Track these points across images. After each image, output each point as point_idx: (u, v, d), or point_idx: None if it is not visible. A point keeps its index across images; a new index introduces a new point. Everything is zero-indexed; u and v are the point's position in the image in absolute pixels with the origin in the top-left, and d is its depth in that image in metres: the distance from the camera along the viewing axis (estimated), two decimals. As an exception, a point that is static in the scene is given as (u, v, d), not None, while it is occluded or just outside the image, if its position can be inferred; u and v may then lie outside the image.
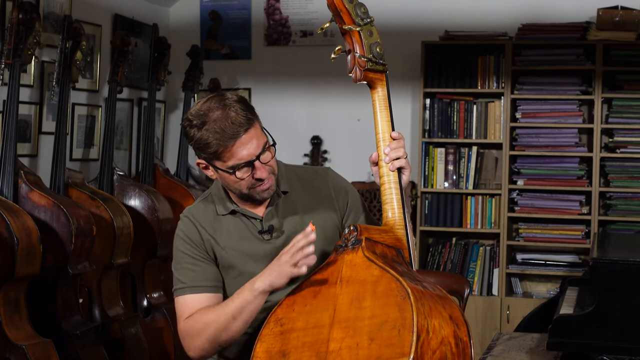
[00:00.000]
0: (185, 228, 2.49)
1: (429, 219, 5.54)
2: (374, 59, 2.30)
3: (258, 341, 2.20)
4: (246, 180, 2.38)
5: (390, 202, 2.30)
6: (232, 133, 2.31)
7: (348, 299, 2.12)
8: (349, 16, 2.28)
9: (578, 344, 3.13)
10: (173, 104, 6.13)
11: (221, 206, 2.50)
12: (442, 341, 2.02)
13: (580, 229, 5.36)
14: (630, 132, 5.31)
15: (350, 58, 2.32)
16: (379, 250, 2.21)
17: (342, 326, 2.09)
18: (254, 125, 2.35)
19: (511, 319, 5.30)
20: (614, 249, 3.98)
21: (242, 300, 2.31)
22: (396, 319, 2.00)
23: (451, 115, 5.52)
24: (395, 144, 2.32)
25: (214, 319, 2.35)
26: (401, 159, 2.32)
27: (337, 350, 2.05)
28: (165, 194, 5.05)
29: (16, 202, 3.93)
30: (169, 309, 4.82)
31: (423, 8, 5.75)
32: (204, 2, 6.14)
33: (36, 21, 4.13)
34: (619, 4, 5.31)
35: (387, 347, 1.98)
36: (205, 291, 2.43)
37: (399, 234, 2.28)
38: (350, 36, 2.31)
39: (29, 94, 4.62)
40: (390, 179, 2.31)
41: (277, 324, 2.20)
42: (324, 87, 5.96)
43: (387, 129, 2.33)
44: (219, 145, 2.32)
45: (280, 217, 2.49)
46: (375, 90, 2.34)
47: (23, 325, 3.68)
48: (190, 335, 2.39)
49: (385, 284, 2.08)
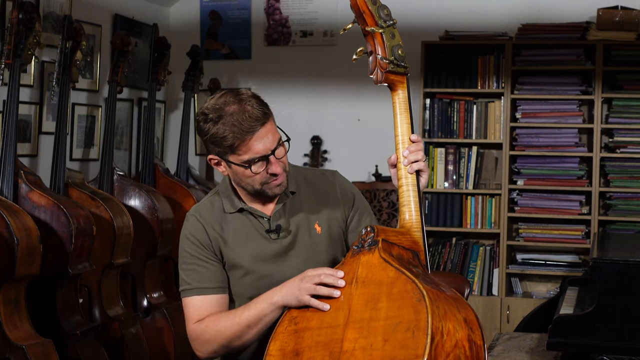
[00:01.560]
0: (191, 228, 2.48)
1: (429, 219, 5.54)
2: (396, 61, 2.30)
3: (272, 339, 2.20)
4: (260, 175, 2.38)
5: (408, 204, 2.30)
6: (249, 127, 2.31)
7: (363, 299, 2.12)
8: (372, 18, 2.28)
9: (578, 344, 3.13)
10: (173, 104, 6.13)
11: (229, 204, 2.49)
12: (456, 344, 2.01)
13: (580, 229, 5.36)
14: (630, 132, 5.31)
15: (371, 59, 2.32)
16: (396, 252, 2.21)
17: (356, 326, 2.08)
18: (270, 120, 2.36)
19: (511, 319, 5.30)
20: (614, 249, 3.98)
21: (259, 311, 2.32)
22: (411, 320, 2.00)
23: (451, 115, 5.52)
24: (415, 147, 2.32)
25: (228, 327, 2.36)
26: (420, 161, 2.32)
27: (351, 351, 2.05)
28: (165, 194, 5.05)
29: (16, 202, 3.93)
30: (169, 309, 4.82)
31: (423, 8, 5.75)
32: (204, 2, 6.14)
33: (36, 21, 4.12)
34: (619, 4, 5.31)
35: (401, 349, 1.98)
36: (212, 292, 2.44)
37: (415, 237, 2.28)
38: (372, 38, 2.31)
39: (29, 94, 4.62)
40: (408, 181, 2.31)
41: (291, 322, 2.20)
42: (324, 87, 5.96)
43: (407, 132, 2.33)
44: (235, 139, 2.31)
45: (288, 216, 2.49)
46: (396, 93, 2.34)
47: (23, 325, 3.68)
48: (201, 340, 2.40)
49: (401, 285, 2.08)
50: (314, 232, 2.49)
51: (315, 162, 5.79)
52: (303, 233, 2.48)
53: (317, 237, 2.49)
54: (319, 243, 2.49)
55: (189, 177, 5.62)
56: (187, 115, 5.66)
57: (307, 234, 2.49)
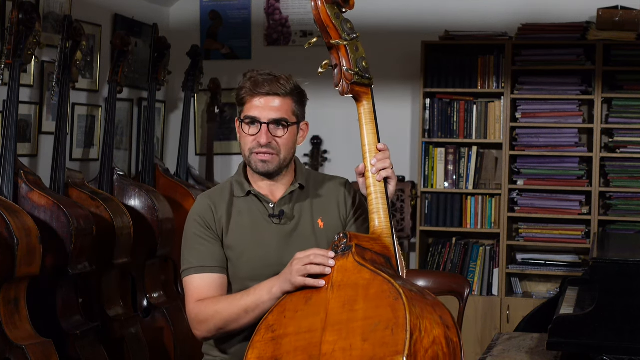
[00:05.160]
0: (198, 207, 2.56)
1: (429, 219, 5.54)
2: (361, 73, 2.40)
3: (249, 348, 2.23)
4: (250, 139, 2.48)
5: (377, 211, 2.37)
6: (261, 88, 2.46)
7: (340, 302, 2.16)
8: (336, 31, 2.38)
9: (578, 344, 3.13)
10: (173, 104, 6.13)
11: (239, 188, 2.57)
12: (433, 340, 2.06)
13: (580, 229, 5.36)
14: (630, 132, 5.31)
15: (337, 72, 2.43)
16: (369, 257, 2.26)
17: (334, 329, 2.12)
18: (286, 99, 2.50)
19: (511, 319, 5.30)
20: (614, 249, 3.98)
21: (258, 298, 2.37)
22: (389, 319, 2.04)
23: (451, 115, 5.52)
24: (382, 155, 2.42)
25: (226, 308, 2.42)
26: (387, 169, 2.40)
27: (331, 352, 2.08)
28: (165, 194, 5.05)
29: (16, 202, 3.93)
30: (169, 309, 4.82)
31: (423, 8, 5.75)
32: (204, 2, 6.14)
33: (36, 21, 4.12)
34: (619, 4, 5.31)
35: (381, 347, 2.01)
36: (211, 271, 2.50)
37: (386, 242, 2.34)
38: (337, 51, 2.41)
39: (29, 94, 4.62)
40: (377, 189, 2.39)
41: (268, 330, 2.23)
42: (324, 87, 5.95)
43: (373, 141, 2.45)
44: (246, 92, 2.48)
45: (293, 205, 2.56)
46: (361, 104, 2.48)
47: (23, 325, 3.68)
48: (199, 319, 2.46)
49: (377, 286, 2.13)
50: (316, 226, 2.56)
51: (315, 162, 5.79)
52: (306, 223, 2.55)
53: (319, 231, 2.55)
54: (319, 237, 2.54)
55: (189, 177, 5.62)
56: (187, 115, 5.66)
57: (309, 225, 2.55)
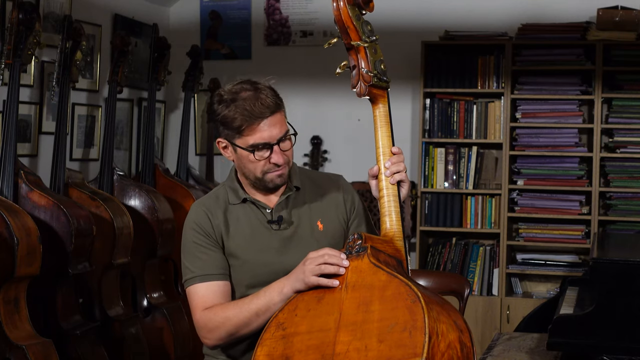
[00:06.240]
0: (195, 216, 2.53)
1: (429, 219, 5.54)
2: (379, 75, 2.37)
3: (259, 345, 2.21)
4: (262, 163, 2.45)
5: (390, 214, 2.36)
6: (259, 112, 2.41)
7: (354, 303, 2.15)
8: (356, 33, 2.35)
9: (578, 344, 3.13)
10: (173, 104, 6.13)
11: (233, 195, 2.55)
12: (449, 345, 2.06)
13: (580, 229, 5.36)
14: (630, 132, 5.31)
15: (355, 73, 2.39)
16: (382, 259, 2.25)
17: (348, 329, 2.11)
18: (280, 112, 2.47)
19: (511, 319, 5.30)
20: (614, 249, 3.98)
21: (269, 300, 2.36)
22: (407, 321, 2.03)
23: (451, 115, 5.52)
24: (396, 159, 2.39)
25: (236, 314, 2.40)
26: (401, 172, 2.39)
27: (345, 352, 2.07)
28: (165, 194, 5.05)
29: (16, 202, 3.93)
30: (169, 309, 4.82)
31: (423, 8, 5.75)
32: (204, 2, 6.14)
33: (36, 21, 4.13)
34: (619, 4, 5.31)
35: (398, 348, 2.01)
36: (216, 279, 2.48)
37: (398, 245, 2.34)
38: (356, 52, 2.38)
39: (29, 94, 4.62)
40: (389, 192, 2.38)
41: (278, 328, 2.22)
42: (324, 87, 5.96)
43: (388, 144, 2.40)
44: (243, 121, 2.40)
45: (290, 209, 2.54)
46: (377, 106, 2.42)
47: (23, 325, 3.68)
48: (208, 327, 2.44)
49: (393, 288, 2.12)
50: (315, 228, 2.54)
51: (315, 162, 5.79)
52: (305, 227, 2.53)
53: (319, 233, 2.54)
54: (319, 239, 2.52)
55: (189, 177, 5.62)
56: (187, 115, 5.66)
57: (308, 229, 2.53)
